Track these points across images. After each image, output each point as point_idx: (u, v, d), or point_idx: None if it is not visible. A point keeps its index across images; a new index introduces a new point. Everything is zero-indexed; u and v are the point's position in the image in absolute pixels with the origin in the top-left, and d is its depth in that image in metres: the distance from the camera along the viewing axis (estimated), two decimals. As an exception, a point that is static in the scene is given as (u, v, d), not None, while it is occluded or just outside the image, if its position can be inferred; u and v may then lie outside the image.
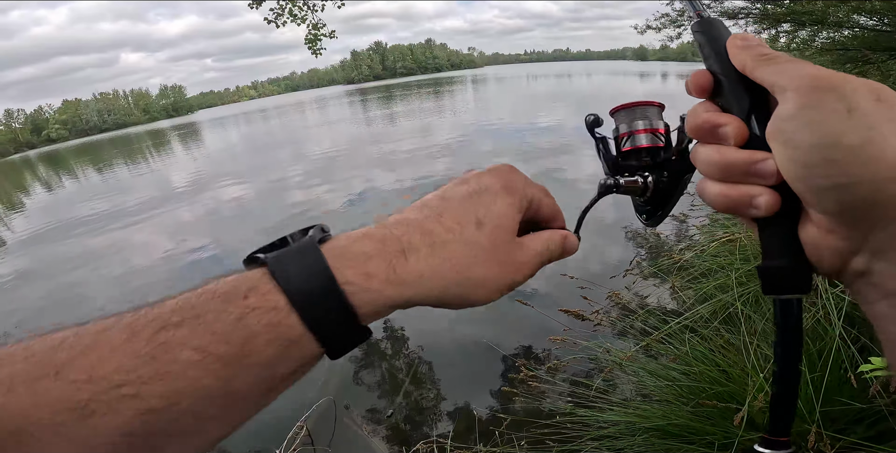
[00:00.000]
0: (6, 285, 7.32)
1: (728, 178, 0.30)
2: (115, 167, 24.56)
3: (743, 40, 0.33)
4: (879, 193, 0.24)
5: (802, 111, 0.26)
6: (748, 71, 0.31)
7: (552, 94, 35.35)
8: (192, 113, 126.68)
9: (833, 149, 0.25)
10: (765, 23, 7.25)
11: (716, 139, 0.31)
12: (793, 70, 0.28)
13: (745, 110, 0.31)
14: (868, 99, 0.26)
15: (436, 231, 0.32)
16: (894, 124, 0.25)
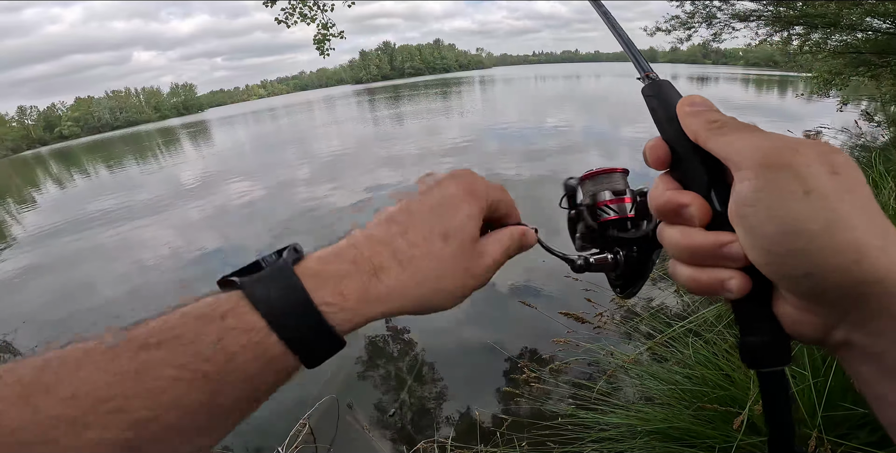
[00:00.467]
0: (16, 280, 7.43)
1: (696, 262, 0.30)
2: (125, 164, 24.85)
3: (691, 105, 0.33)
4: (848, 277, 0.24)
5: (759, 194, 0.26)
6: (701, 141, 0.31)
7: (560, 95, 35.23)
8: (202, 111, 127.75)
9: (796, 237, 0.25)
10: (777, 25, 7.17)
11: (680, 220, 0.31)
12: (743, 143, 0.28)
13: (705, 186, 0.31)
14: (823, 174, 0.26)
15: (403, 248, 0.33)
16: (852, 196, 0.25)
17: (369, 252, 0.33)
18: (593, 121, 17.72)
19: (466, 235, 0.35)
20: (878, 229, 0.25)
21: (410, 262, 0.33)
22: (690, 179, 0.32)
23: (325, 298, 0.29)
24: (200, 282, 6.26)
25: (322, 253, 0.33)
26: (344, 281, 0.31)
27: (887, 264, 0.24)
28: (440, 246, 0.34)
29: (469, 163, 11.03)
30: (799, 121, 13.08)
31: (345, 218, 8.02)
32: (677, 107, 0.33)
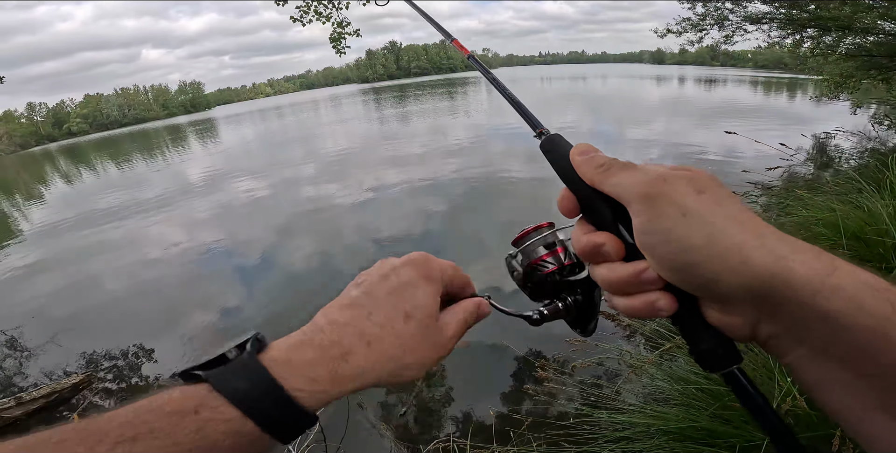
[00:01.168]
0: (24, 274, 7.50)
1: (626, 291, 0.34)
2: (133, 161, 25.02)
3: (580, 153, 0.37)
4: (742, 277, 0.28)
5: (649, 223, 0.31)
6: (596, 184, 0.35)
7: (566, 95, 35.13)
8: (209, 109, 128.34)
9: (688, 253, 0.30)
10: (789, 28, 7.12)
11: (602, 258, 0.35)
12: (628, 180, 0.33)
13: (612, 223, 0.35)
14: (691, 195, 0.31)
15: (368, 330, 0.36)
16: (722, 208, 0.30)
17: (336, 336, 0.35)
18: (599, 122, 17.66)
19: (426, 313, 0.38)
20: (753, 231, 0.29)
21: (377, 342, 0.35)
22: (600, 220, 0.35)
23: (295, 385, 0.31)
24: (205, 278, 6.33)
25: (291, 340, 0.35)
26: (314, 367, 0.33)
27: (769, 259, 0.28)
28: (403, 325, 0.36)
29: (476, 164, 11.04)
30: (809, 124, 12.98)
31: (348, 217, 8.07)
32: (570, 157, 0.37)
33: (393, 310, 0.37)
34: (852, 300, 0.26)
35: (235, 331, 4.75)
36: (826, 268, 0.27)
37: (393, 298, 0.37)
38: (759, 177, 4.05)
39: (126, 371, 4.28)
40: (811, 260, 0.28)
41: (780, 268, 0.28)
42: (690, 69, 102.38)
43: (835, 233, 1.96)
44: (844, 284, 0.27)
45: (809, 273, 0.27)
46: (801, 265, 0.28)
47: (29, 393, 3.78)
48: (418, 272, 0.39)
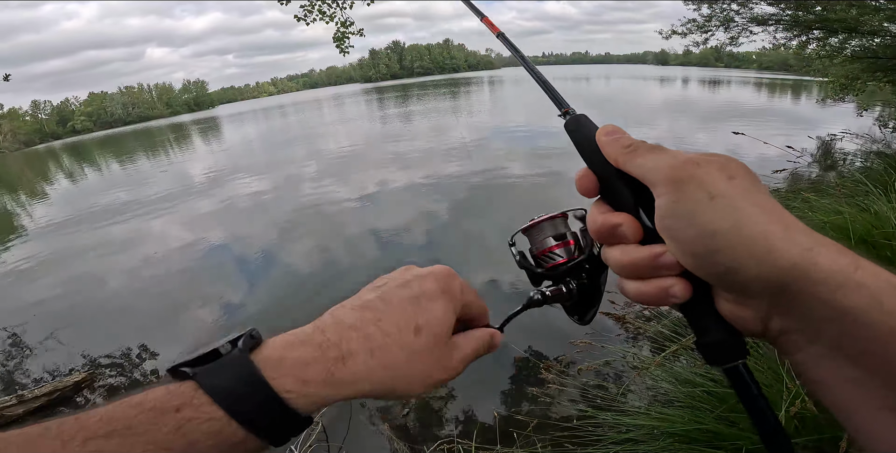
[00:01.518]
0: (28, 271, 7.53)
1: (639, 275, 0.33)
2: (136, 159, 25.11)
3: (607, 134, 0.37)
4: (764, 266, 0.28)
5: (674, 205, 0.30)
6: (620, 164, 0.35)
7: (568, 97, 34.97)
8: (212, 107, 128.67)
9: (712, 238, 0.29)
10: (795, 29, 7.09)
11: (617, 239, 0.34)
12: (654, 163, 0.32)
13: (632, 205, 0.34)
14: (722, 180, 0.30)
15: (374, 335, 0.34)
16: (751, 195, 0.30)
17: (337, 337, 0.33)
18: (603, 122, 17.60)
19: (439, 330, 0.36)
20: (779, 221, 0.28)
21: (381, 350, 0.34)
22: (619, 202, 0.35)
23: (286, 386, 0.30)
24: (206, 275, 6.35)
25: (288, 337, 0.33)
26: (307, 367, 0.31)
27: (794, 250, 0.27)
28: (411, 338, 0.35)
29: (479, 163, 11.04)
30: (814, 126, 12.93)
31: (350, 215, 8.08)
32: (596, 136, 0.37)
33: (405, 319, 0.35)
34: (874, 298, 0.26)
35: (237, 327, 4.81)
36: (851, 265, 0.27)
37: (408, 308, 0.36)
38: (765, 180, 4.04)
39: (128, 368, 4.28)
40: (836, 254, 0.27)
41: (804, 261, 0.27)
42: (694, 70, 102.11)
43: (842, 236, 1.95)
44: (868, 282, 0.26)
45: (833, 267, 0.27)
46: (825, 259, 0.27)
47: (31, 391, 3.77)
48: (440, 286, 0.37)
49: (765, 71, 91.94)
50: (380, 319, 0.35)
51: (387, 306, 0.36)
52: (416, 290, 0.37)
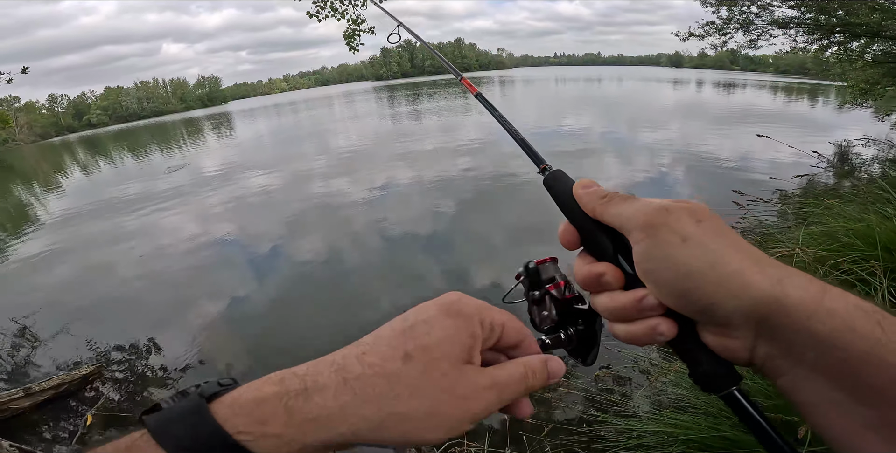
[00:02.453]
0: (40, 261, 7.67)
1: (627, 318, 0.35)
2: (150, 153, 25.43)
3: (583, 187, 0.39)
4: (742, 300, 0.30)
5: (651, 250, 0.32)
6: (598, 215, 0.37)
7: (580, 98, 34.88)
8: (225, 103, 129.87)
9: (689, 278, 0.31)
10: (815, 33, 6.97)
11: (602, 287, 0.36)
12: (629, 211, 0.34)
13: (612, 254, 0.36)
14: (691, 223, 0.32)
15: (350, 367, 0.30)
16: (720, 235, 0.32)
17: (306, 371, 0.30)
18: (612, 125, 17.49)
19: (439, 354, 0.31)
20: (750, 257, 0.31)
21: (358, 381, 0.29)
22: (600, 251, 0.37)
23: (238, 427, 0.27)
24: (215, 270, 6.41)
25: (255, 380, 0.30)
26: (263, 404, 0.28)
27: (766, 283, 0.29)
28: (398, 366, 0.30)
29: (487, 162, 11.01)
30: (832, 131, 12.70)
31: (357, 212, 8.11)
32: (573, 190, 0.39)
33: (391, 349, 0.31)
34: (844, 322, 0.28)
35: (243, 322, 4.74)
36: (819, 292, 0.29)
37: (398, 338, 0.31)
38: (784, 185, 3.98)
39: (135, 363, 4.28)
40: (805, 284, 0.29)
41: (776, 292, 0.29)
42: (709, 73, 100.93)
43: (867, 244, 1.91)
44: (837, 307, 0.28)
45: (804, 296, 0.29)
46: (795, 289, 0.29)
47: (38, 384, 3.74)
48: (442, 309, 0.33)
49: (781, 74, 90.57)
50: (364, 352, 0.31)
51: (376, 340, 0.32)
52: (412, 320, 0.32)
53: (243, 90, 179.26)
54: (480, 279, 5.29)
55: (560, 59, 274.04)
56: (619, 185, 8.38)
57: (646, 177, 9.01)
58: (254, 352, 4.29)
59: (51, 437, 3.45)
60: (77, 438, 3.13)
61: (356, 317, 4.72)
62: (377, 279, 5.57)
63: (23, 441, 3.14)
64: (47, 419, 3.63)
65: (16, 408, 3.57)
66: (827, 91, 30.58)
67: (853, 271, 1.84)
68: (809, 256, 1.75)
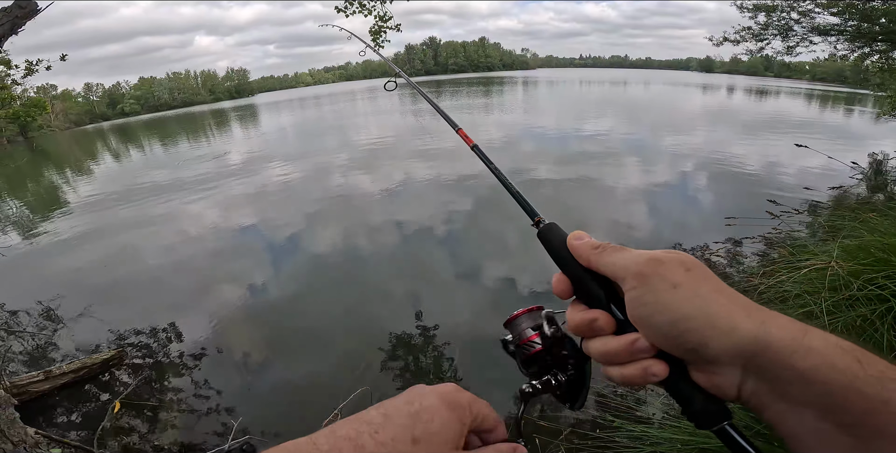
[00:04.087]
0: (69, 243, 7.96)
1: (620, 361, 0.37)
2: (178, 142, 26.13)
3: (576, 239, 0.42)
4: (730, 341, 0.32)
5: (644, 297, 0.35)
6: (592, 265, 0.40)
7: (604, 101, 34.36)
8: (252, 96, 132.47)
9: (681, 322, 0.34)
10: (857, 41, 6.70)
11: (595, 333, 0.39)
12: (622, 261, 0.38)
13: (604, 301, 0.39)
14: (680, 272, 0.35)
15: (367, 445, 0.33)
16: (707, 283, 0.35)
17: (328, 446, 0.33)
18: (634, 129, 17.17)
19: (440, 440, 0.35)
20: (737, 302, 0.34)
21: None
22: (593, 299, 0.40)
23: None
24: (237, 257, 6.55)
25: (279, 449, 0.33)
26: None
27: (752, 325, 0.32)
28: (408, 447, 0.34)
29: (506, 162, 10.97)
30: (866, 141, 12.22)
31: (375, 205, 8.18)
32: (567, 242, 0.42)
33: (402, 431, 0.35)
34: (825, 358, 0.30)
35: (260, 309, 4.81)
36: (800, 332, 0.32)
37: (406, 421, 0.35)
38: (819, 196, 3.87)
39: (156, 349, 4.29)
40: (787, 324, 0.32)
41: (761, 333, 0.32)
42: (741, 79, 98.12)
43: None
44: (816, 345, 0.31)
45: (786, 336, 0.32)
46: (778, 329, 0.32)
47: (59, 368, 3.70)
48: (443, 401, 0.38)
49: (817, 82, 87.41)
50: (376, 431, 0.34)
51: (385, 420, 0.35)
52: (418, 406, 0.37)
53: (270, 83, 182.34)
54: (491, 274, 5.29)
55: (585, 61, 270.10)
56: (657, 192, 8.26)
57: (680, 184, 8.88)
58: (269, 340, 4.38)
59: (68, 423, 3.41)
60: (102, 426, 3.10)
61: (369, 307, 4.79)
62: (391, 270, 5.64)
63: (40, 425, 3.11)
64: (66, 403, 3.60)
65: (35, 391, 3.53)
66: (864, 100, 29.40)
67: (887, 286, 1.78)
68: (844, 270, 1.69)
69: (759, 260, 3.69)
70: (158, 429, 3.25)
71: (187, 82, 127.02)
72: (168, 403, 3.53)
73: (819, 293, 1.70)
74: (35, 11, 3.39)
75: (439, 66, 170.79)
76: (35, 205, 12.50)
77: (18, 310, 5.20)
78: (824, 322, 1.55)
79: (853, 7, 6.23)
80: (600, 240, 0.42)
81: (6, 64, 7.54)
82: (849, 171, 6.37)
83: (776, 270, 2.14)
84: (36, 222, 10.16)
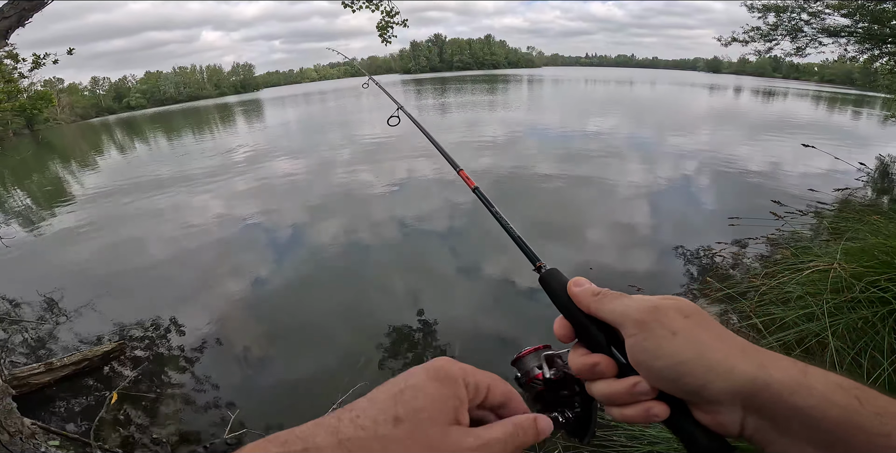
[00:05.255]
0: (75, 234, 8.01)
1: (623, 402, 0.39)
2: (183, 136, 26.20)
3: (577, 285, 0.43)
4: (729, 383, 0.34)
5: (644, 343, 0.37)
6: (592, 311, 0.41)
7: (609, 100, 34.19)
8: (257, 90, 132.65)
9: (682, 366, 0.35)
10: (867, 43, 6.63)
11: (597, 376, 0.40)
12: (621, 308, 0.39)
13: (605, 345, 0.41)
14: (679, 319, 0.37)
15: (345, 430, 0.32)
16: (706, 328, 0.37)
17: (303, 433, 0.32)
18: (639, 128, 17.09)
19: (427, 417, 0.33)
20: (735, 346, 0.36)
21: (351, 442, 0.31)
22: (594, 344, 0.41)
23: None
24: (239, 250, 6.59)
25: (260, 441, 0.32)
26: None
27: (751, 367, 0.34)
28: (389, 428, 0.32)
29: (509, 158, 10.94)
30: (872, 144, 12.11)
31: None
32: (567, 288, 0.44)
33: (382, 412, 0.33)
34: (824, 396, 0.32)
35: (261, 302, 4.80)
36: (800, 373, 0.33)
37: (388, 402, 0.34)
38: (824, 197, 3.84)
39: (157, 341, 4.29)
40: (787, 366, 0.34)
41: (761, 374, 0.33)
42: (748, 80, 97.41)
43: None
44: (816, 384, 0.32)
45: (786, 376, 0.33)
46: (777, 370, 0.34)
47: (60, 359, 3.69)
48: (430, 374, 0.35)
49: (826, 83, 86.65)
50: (357, 416, 0.33)
51: (369, 403, 0.34)
52: (402, 385, 0.35)
53: (275, 78, 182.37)
54: (491, 269, 5.29)
55: (591, 60, 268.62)
56: (660, 191, 8.22)
57: (683, 183, 8.83)
58: (269, 334, 4.40)
59: (67, 415, 3.41)
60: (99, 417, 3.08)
61: (368, 300, 4.81)
62: (391, 264, 5.66)
63: (39, 417, 3.12)
64: (65, 395, 3.60)
65: (35, 383, 3.52)
66: (873, 103, 29.14)
67: (889, 289, 1.77)
68: (847, 272, 1.69)
69: (762, 260, 3.68)
70: (156, 421, 3.27)
71: (193, 77, 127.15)
72: (166, 395, 3.55)
73: (821, 295, 1.70)
74: (42, 3, 3.40)
75: (444, 63, 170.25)
76: (39, 197, 12.58)
77: (21, 301, 5.23)
78: (825, 323, 1.54)
79: (864, 8, 6.16)
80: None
81: (13, 57, 7.57)
82: (855, 173, 6.34)
83: (778, 271, 2.13)
84: (39, 213, 10.23)
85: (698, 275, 4.54)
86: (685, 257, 5.15)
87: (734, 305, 2.28)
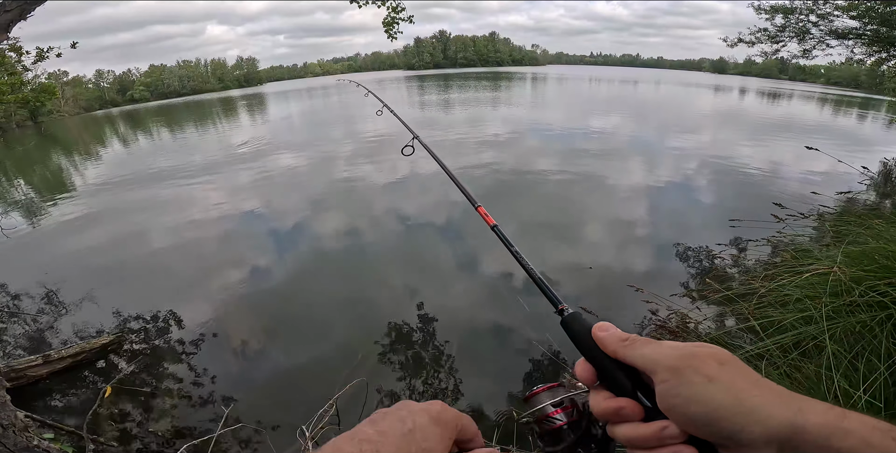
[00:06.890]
0: (76, 225, 8.04)
1: (649, 446, 0.39)
2: (186, 129, 26.17)
3: (602, 330, 0.44)
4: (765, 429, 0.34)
5: (678, 389, 0.37)
6: (619, 356, 0.41)
7: (613, 99, 34.03)
8: (260, 84, 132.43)
9: (718, 411, 0.36)
10: (875, 46, 6.58)
11: (622, 419, 0.40)
12: (654, 354, 0.39)
13: (630, 390, 0.41)
14: (714, 366, 0.37)
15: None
16: (742, 375, 0.37)
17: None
18: (642, 128, 17.01)
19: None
20: (773, 392, 0.36)
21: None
22: (618, 387, 0.41)
23: None
24: (242, 240, 6.61)
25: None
26: None
27: (788, 413, 0.35)
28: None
29: (510, 157, 10.91)
30: (876, 147, 12.04)
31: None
32: (592, 332, 0.44)
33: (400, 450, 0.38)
34: (863, 439, 0.32)
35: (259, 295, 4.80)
36: (838, 417, 0.34)
37: (402, 440, 0.38)
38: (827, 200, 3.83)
39: (155, 334, 4.29)
40: (824, 410, 0.35)
41: (798, 419, 0.34)
42: (754, 81, 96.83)
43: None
44: (854, 427, 0.33)
45: (823, 420, 0.34)
46: (814, 415, 0.34)
47: (57, 352, 3.68)
48: (432, 418, 0.41)
49: (832, 86, 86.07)
50: (377, 450, 0.37)
51: (383, 438, 0.38)
52: (411, 425, 0.40)
53: (279, 73, 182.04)
54: (487, 267, 5.28)
55: (596, 59, 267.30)
56: (662, 192, 8.20)
57: (685, 184, 8.80)
58: (267, 326, 4.40)
59: (62, 407, 3.41)
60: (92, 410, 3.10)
61: (366, 294, 4.81)
62: (390, 259, 5.67)
63: (35, 410, 3.13)
64: (62, 388, 3.60)
65: (32, 376, 3.51)
66: (878, 106, 28.94)
67: (889, 294, 1.76)
68: (846, 276, 1.68)
69: (762, 263, 3.67)
70: (150, 415, 3.28)
71: (197, 70, 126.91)
72: (162, 389, 3.56)
73: (820, 298, 1.69)
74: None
75: (448, 60, 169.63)
76: (40, 188, 12.60)
77: (20, 293, 5.24)
78: (823, 327, 1.54)
79: (873, 10, 6.11)
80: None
81: (16, 50, 7.56)
82: (858, 176, 6.31)
83: (778, 274, 2.12)
84: (40, 205, 10.25)
85: (698, 275, 4.54)
86: (685, 258, 5.14)
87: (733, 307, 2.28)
